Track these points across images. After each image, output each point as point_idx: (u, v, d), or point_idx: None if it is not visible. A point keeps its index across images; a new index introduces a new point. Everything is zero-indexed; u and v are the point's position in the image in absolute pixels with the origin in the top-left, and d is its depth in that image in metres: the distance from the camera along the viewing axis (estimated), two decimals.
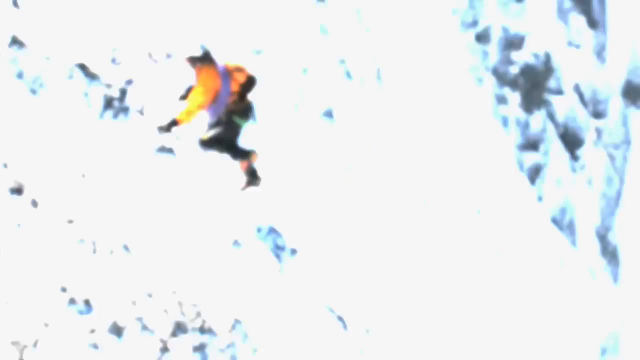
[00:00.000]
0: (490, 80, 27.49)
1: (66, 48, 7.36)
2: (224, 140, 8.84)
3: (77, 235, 4.83)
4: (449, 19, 27.60)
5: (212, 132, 8.66)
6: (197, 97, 8.17)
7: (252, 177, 9.22)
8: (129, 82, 8.38)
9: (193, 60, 8.32)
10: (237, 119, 8.73)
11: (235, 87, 8.63)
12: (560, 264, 22.76)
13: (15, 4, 7.07)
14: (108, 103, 7.70)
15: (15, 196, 4.56)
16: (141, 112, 8.38)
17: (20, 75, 6.52)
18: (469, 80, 26.04)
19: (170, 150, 8.54)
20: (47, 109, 6.70)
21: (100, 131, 7.46)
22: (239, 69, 8.77)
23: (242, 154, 9.07)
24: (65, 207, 5.21)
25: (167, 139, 8.52)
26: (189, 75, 8.64)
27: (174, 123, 8.15)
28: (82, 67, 7.39)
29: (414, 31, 20.58)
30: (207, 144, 8.84)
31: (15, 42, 6.55)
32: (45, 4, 7.77)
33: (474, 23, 27.83)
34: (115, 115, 7.87)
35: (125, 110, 8.01)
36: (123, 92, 8.06)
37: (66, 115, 6.99)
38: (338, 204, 11.97)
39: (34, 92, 6.65)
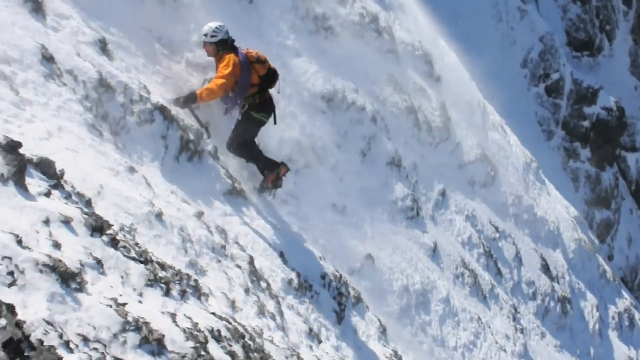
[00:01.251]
0: (560, 134, 27.08)
1: (148, 93, 7.64)
2: (250, 144, 8.85)
3: (151, 274, 4.94)
4: (519, 71, 27.44)
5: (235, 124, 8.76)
6: (218, 80, 8.30)
7: (270, 168, 9.13)
8: (205, 125, 8.63)
9: (215, 45, 8.56)
10: (254, 114, 8.81)
11: (255, 78, 8.76)
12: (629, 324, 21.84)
13: (103, 50, 7.42)
14: (184, 145, 7.92)
15: (97, 236, 4.70)
16: (214, 156, 8.59)
17: (105, 117, 6.81)
18: (539, 133, 25.73)
19: (240, 193, 8.69)
20: (128, 149, 6.94)
21: (175, 171, 7.67)
22: (261, 61, 8.87)
23: (271, 165, 9.11)
24: (140, 247, 5.34)
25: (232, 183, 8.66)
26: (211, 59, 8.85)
27: (192, 99, 8.32)
28: (162, 110, 7.64)
29: (483, 82, 20.50)
30: (235, 147, 8.84)
31: (103, 85, 6.85)
32: (131, 52, 8.14)
33: (545, 75, 27.56)
34: (190, 158, 8.08)
35: (200, 152, 8.22)
36: (199, 135, 8.28)
37: (145, 156, 7.22)
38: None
39: (116, 133, 6.92)
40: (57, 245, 4.27)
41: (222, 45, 8.58)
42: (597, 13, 29.51)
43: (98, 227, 4.82)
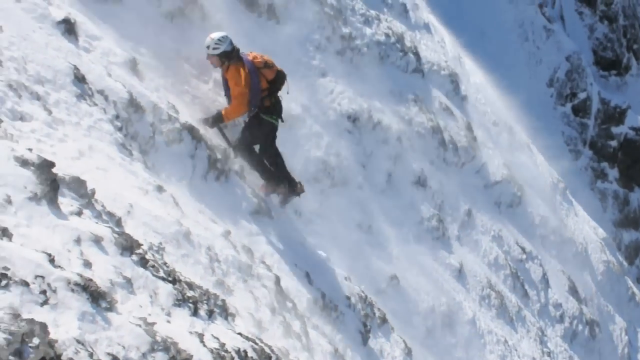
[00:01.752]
0: (588, 154, 26.82)
1: (177, 113, 7.73)
2: (250, 135, 8.75)
3: (179, 294, 4.97)
4: (546, 90, 27.28)
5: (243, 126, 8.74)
6: (237, 99, 8.34)
7: (279, 181, 9.08)
8: (233, 144, 8.69)
9: (219, 57, 8.50)
10: (264, 116, 8.73)
11: (264, 84, 8.70)
12: None
13: (134, 70, 7.52)
14: (212, 165, 7.98)
15: (127, 255, 4.75)
16: (241, 176, 8.64)
17: (134, 137, 6.89)
18: (566, 153, 25.49)
19: (267, 212, 8.71)
20: (157, 168, 7.01)
21: (202, 190, 7.72)
22: (268, 65, 8.79)
23: (290, 183, 9.07)
24: (168, 267, 5.37)
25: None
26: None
27: (220, 119, 8.49)
28: (190, 130, 7.71)
29: (510, 102, 20.42)
30: (242, 149, 8.76)
31: (133, 105, 6.94)
32: (161, 72, 8.25)
33: (572, 95, 27.37)
34: (218, 177, 8.13)
35: (227, 172, 8.27)
36: (226, 155, 8.34)
37: (173, 175, 7.29)
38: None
39: (145, 152, 6.99)
40: (88, 264, 4.31)
41: (226, 57, 8.48)
42: (625, 32, 29.32)
43: (128, 247, 4.87)
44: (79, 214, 4.74)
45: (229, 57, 8.47)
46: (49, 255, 3.99)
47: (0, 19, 5.93)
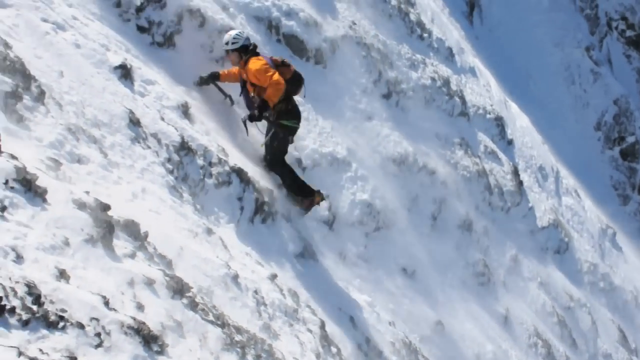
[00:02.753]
0: (638, 199, 26.22)
1: (226, 156, 7.85)
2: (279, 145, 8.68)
3: (228, 338, 4.99)
4: (593, 134, 26.92)
5: (267, 139, 8.65)
6: (273, 75, 8.16)
7: (304, 195, 8.95)
8: (280, 186, 8.77)
9: (238, 52, 8.44)
10: (285, 122, 8.62)
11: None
12: None
13: (185, 114, 7.69)
14: (259, 208, 8.05)
15: (177, 298, 4.80)
16: (287, 218, 8.69)
17: (185, 179, 7.01)
18: (614, 198, 24.98)
19: (312, 255, 8.73)
20: (206, 210, 7.11)
21: (249, 233, 7.79)
22: (286, 64, 8.69)
23: (305, 192, 8.91)
24: (217, 310, 5.40)
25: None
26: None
27: (216, 77, 8.56)
28: (239, 173, 7.82)
29: (556, 145, 20.21)
30: (274, 161, 8.72)
31: (184, 148, 7.09)
32: (211, 116, 8.41)
33: (620, 139, 26.94)
34: (264, 220, 8.19)
35: (274, 214, 8.34)
36: (273, 198, 8.41)
37: (222, 218, 7.37)
38: None
39: (195, 195, 7.10)
40: (140, 307, 4.37)
41: (245, 52, 8.44)
42: None
43: (178, 290, 4.93)
44: (133, 256, 4.82)
45: (246, 52, 8.44)
46: (104, 297, 4.06)
47: (61, 64, 6.15)
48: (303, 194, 8.93)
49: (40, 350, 3.34)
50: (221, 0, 9.38)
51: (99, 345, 3.76)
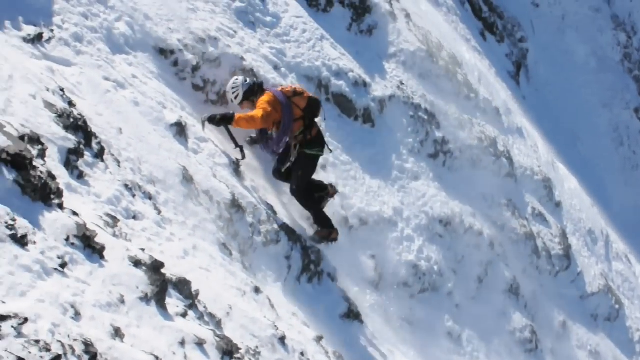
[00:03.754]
0: None
1: (275, 214, 7.91)
2: (305, 174, 8.43)
3: None
4: None
5: (287, 164, 8.39)
6: (259, 111, 7.86)
7: (328, 228, 8.69)
8: (327, 245, 8.77)
9: (246, 100, 8.24)
10: (308, 151, 8.44)
11: (297, 112, 8.32)
12: None
13: (236, 171, 7.80)
14: (306, 267, 8.05)
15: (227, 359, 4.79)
16: (333, 278, 8.65)
17: (234, 237, 7.07)
18: None
19: (357, 316, 8.64)
20: (254, 269, 7.13)
21: (296, 292, 7.78)
22: (298, 93, 8.45)
23: (327, 225, 8.68)
24: None
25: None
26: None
27: (229, 120, 7.82)
28: (287, 231, 7.86)
29: (606, 208, 19.86)
30: (301, 192, 8.46)
31: (235, 205, 7.17)
32: (260, 174, 8.52)
33: None
34: (310, 280, 8.18)
35: (320, 274, 8.32)
36: (320, 257, 8.40)
37: (269, 276, 7.39)
38: None
39: (243, 253, 7.14)
40: None
41: (251, 94, 8.25)
42: None
43: (228, 351, 4.91)
44: (184, 315, 4.84)
45: (253, 93, 8.27)
46: (156, 357, 4.07)
47: (121, 121, 6.34)
48: (323, 225, 8.72)
49: None
50: (273, 60, 9.59)
51: None
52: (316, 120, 8.68)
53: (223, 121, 7.87)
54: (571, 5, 25.93)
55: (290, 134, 8.34)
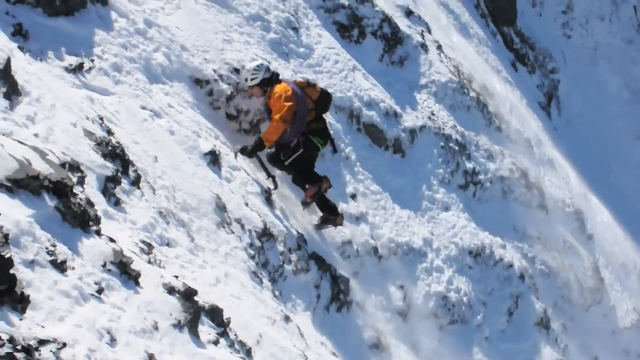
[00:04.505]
0: None
1: (305, 242, 7.95)
2: (303, 162, 8.35)
3: None
4: None
5: (295, 156, 8.27)
6: (276, 115, 7.87)
7: (329, 212, 8.61)
8: (355, 275, 8.78)
9: (259, 87, 8.25)
10: (315, 139, 8.41)
11: (310, 103, 8.34)
12: None
13: (268, 200, 7.87)
14: (335, 296, 8.05)
15: None
16: (361, 308, 8.64)
17: (265, 265, 7.11)
18: None
19: (386, 348, 8.59)
20: (284, 297, 7.15)
21: (325, 321, 7.77)
22: (311, 84, 8.59)
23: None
24: None
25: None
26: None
27: (260, 145, 7.89)
28: (317, 260, 7.88)
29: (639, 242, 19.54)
30: (303, 177, 8.45)
31: (266, 234, 7.23)
32: (292, 201, 8.57)
33: None
34: (339, 309, 8.17)
35: (349, 303, 8.31)
36: (349, 286, 8.40)
37: (299, 305, 7.40)
38: None
39: (274, 281, 7.18)
40: None
41: (267, 84, 8.24)
42: None
43: None
44: (216, 342, 4.88)
45: (269, 83, 8.25)
46: None
47: (156, 150, 6.46)
48: (329, 212, 8.67)
49: None
50: None
51: None
52: (325, 115, 8.74)
53: (255, 151, 7.96)
54: (603, 37, 25.81)
55: (304, 125, 8.31)
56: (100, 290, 4.10)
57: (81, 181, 4.76)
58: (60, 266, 3.87)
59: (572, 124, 23.61)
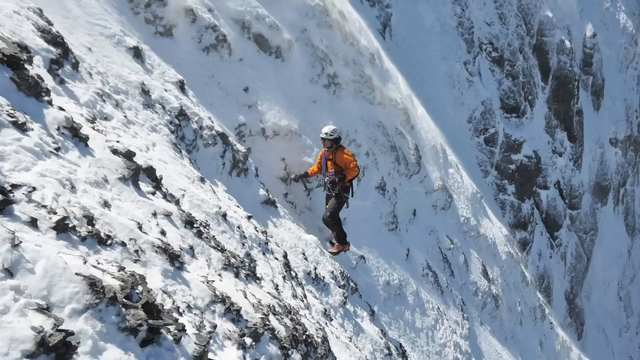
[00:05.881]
0: (494, 173, 27.25)
1: (212, 122, 7.57)
2: (338, 208, 9.16)
3: (226, 260, 4.83)
4: (466, 125, 27.67)
5: (332, 204, 9.10)
6: (356, 168, 8.82)
7: (339, 240, 9.41)
8: (249, 150, 8.56)
9: (331, 142, 8.89)
10: (345, 194, 9.27)
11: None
12: (540, 316, 21.87)
13: (182, 88, 7.34)
14: (235, 164, 7.85)
15: (188, 228, 4.60)
16: (255, 174, 8.51)
17: (182, 138, 6.73)
18: (478, 172, 25.84)
19: (273, 203, 8.59)
20: (198, 164, 6.85)
21: (228, 183, 7.59)
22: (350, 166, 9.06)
23: (343, 237, 9.39)
24: (216, 240, 5.22)
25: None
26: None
27: (305, 175, 9.13)
28: (222, 136, 7.57)
29: (441, 133, 20.61)
30: (332, 221, 9.15)
31: (182, 114, 6.79)
32: (200, 92, 8.07)
33: (484, 130, 27.84)
34: (239, 174, 7.99)
35: (246, 170, 8.14)
36: (246, 157, 8.21)
37: (209, 171, 7.14)
38: None
39: (189, 151, 6.84)
40: (163, 233, 4.18)
41: (335, 142, 8.94)
42: (523, 86, 30.06)
43: (189, 221, 4.74)
44: (153, 193, 4.60)
45: (337, 142, 8.95)
46: (138, 223, 3.85)
47: (90, 43, 5.73)
48: (342, 242, 9.44)
49: (97, 261, 3.13)
50: (207, 4, 8.98)
51: (137, 260, 3.58)
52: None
53: (342, 181, 8.97)
54: None
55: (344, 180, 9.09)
56: (57, 149, 3.66)
57: (29, 60, 4.12)
58: (22, 127, 3.38)
59: (400, 47, 23.97)
